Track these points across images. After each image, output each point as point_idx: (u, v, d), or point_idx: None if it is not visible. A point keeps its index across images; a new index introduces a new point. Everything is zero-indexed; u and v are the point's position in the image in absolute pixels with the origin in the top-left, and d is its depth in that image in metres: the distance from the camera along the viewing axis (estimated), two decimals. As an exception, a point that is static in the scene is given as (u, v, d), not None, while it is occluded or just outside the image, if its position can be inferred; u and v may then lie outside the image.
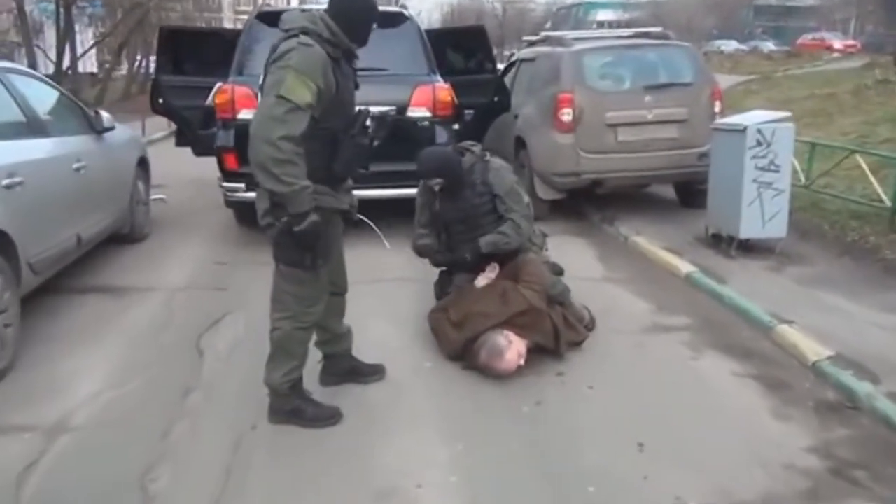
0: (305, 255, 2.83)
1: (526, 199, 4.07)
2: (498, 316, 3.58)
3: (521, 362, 3.52)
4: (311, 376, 3.37)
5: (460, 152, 4.09)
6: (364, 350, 3.66)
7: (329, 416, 3.14)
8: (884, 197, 5.64)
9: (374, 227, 3.23)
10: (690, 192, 6.97)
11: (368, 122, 3.02)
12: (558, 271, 4.23)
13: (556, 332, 3.70)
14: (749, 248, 5.48)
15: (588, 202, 7.15)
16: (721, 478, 2.75)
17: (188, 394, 3.46)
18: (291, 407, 3.12)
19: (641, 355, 3.88)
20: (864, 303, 4.44)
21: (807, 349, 3.81)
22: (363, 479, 2.78)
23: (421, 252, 4.24)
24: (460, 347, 3.68)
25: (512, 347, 3.48)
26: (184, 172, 8.52)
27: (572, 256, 5.18)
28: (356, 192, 3.23)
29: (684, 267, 5.24)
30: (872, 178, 5.76)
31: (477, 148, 4.11)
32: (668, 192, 7.48)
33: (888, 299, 4.50)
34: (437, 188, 3.96)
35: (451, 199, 3.99)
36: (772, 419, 3.22)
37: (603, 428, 3.12)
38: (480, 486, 2.73)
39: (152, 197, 7.71)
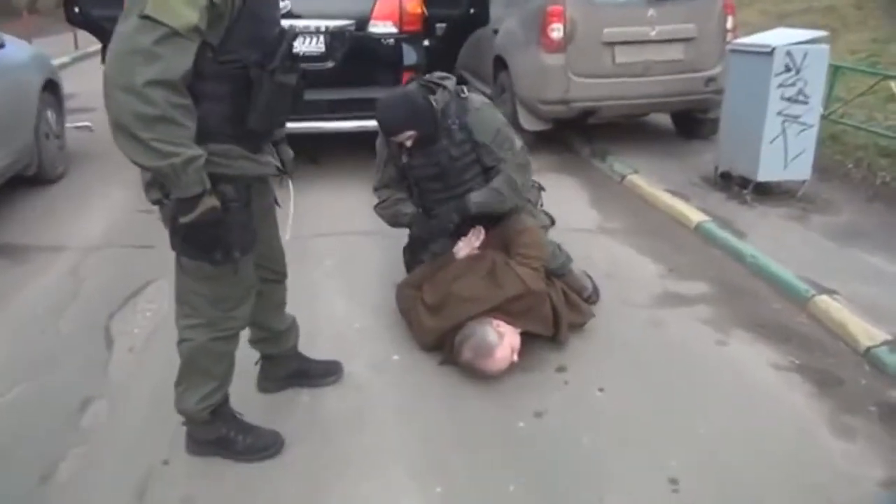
0: (213, 249, 2.00)
1: (519, 143, 3.20)
2: (486, 301, 2.81)
3: (515, 358, 2.78)
4: (246, 376, 2.60)
5: (429, 90, 3.11)
6: (314, 337, 2.89)
7: (266, 447, 2.38)
8: (921, 133, 4.90)
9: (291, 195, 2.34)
10: (692, 122, 6.17)
11: (300, 47, 2.10)
12: (548, 223, 3.45)
13: (556, 317, 2.96)
14: (766, 191, 4.74)
15: (575, 133, 6.30)
16: (784, 534, 2.10)
17: (86, 407, 2.66)
18: (216, 436, 2.35)
19: (657, 340, 3.17)
20: (911, 265, 3.77)
21: (857, 331, 3.14)
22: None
23: (394, 222, 3.33)
24: (437, 337, 2.92)
25: (503, 343, 2.73)
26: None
27: (561, 201, 4.34)
28: (306, 125, 2.32)
29: (694, 215, 4.50)
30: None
31: (450, 82, 3.15)
32: (665, 120, 6.65)
33: (937, 260, 3.83)
34: (408, 143, 3.04)
35: (423, 151, 3.09)
36: (830, 436, 2.55)
37: (622, 455, 2.42)
38: (469, 557, 2.03)
39: (74, 125, 6.67)
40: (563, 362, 2.95)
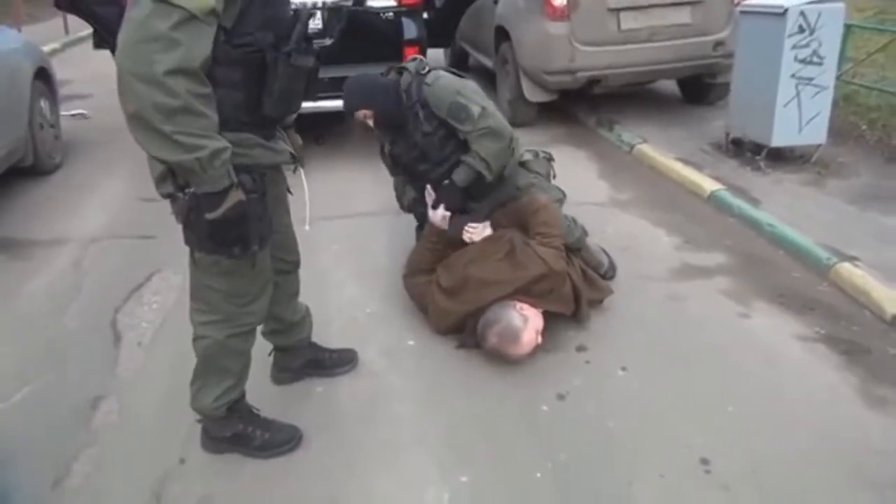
0: (232, 245, 1.90)
1: (475, 109, 2.91)
2: (509, 284, 2.72)
3: (539, 341, 2.70)
4: (260, 367, 2.53)
5: (398, 72, 3.09)
6: (325, 324, 2.81)
7: (284, 442, 2.31)
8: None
9: (305, 185, 2.24)
10: (699, 88, 6.03)
11: (315, 25, 2.00)
12: (561, 196, 3.35)
13: (577, 295, 2.87)
14: (779, 156, 4.63)
15: (581, 103, 6.16)
16: (822, 514, 2.03)
17: (97, 406, 2.60)
18: (233, 432, 2.28)
19: (678, 314, 3.08)
20: (934, 227, 3.67)
21: (882, 298, 3.05)
22: (335, 544, 2.00)
23: (406, 208, 3.41)
24: (455, 321, 2.84)
25: (528, 326, 2.65)
26: (113, 78, 7.23)
27: (570, 173, 4.23)
28: (307, 105, 2.23)
29: (707, 184, 4.39)
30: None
31: (414, 63, 3.09)
32: (672, 87, 6.51)
33: (960, 221, 3.73)
34: (370, 122, 3.04)
35: (401, 135, 3.07)
36: (862, 407, 2.48)
37: (650, 435, 2.35)
38: (499, 549, 1.97)
39: (70, 113, 6.57)
40: (583, 341, 2.87)
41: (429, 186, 3.06)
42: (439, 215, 2.99)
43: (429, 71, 3.03)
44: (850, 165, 4.57)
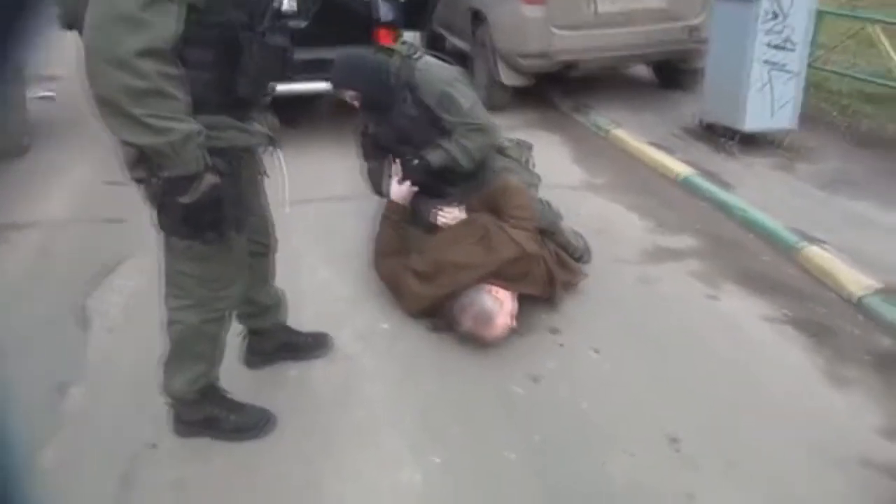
0: (207, 229, 1.88)
1: (466, 103, 2.99)
2: (482, 267, 2.72)
3: (513, 324, 2.72)
4: (232, 351, 2.51)
5: (388, 53, 3.08)
6: (298, 307, 2.78)
7: (256, 425, 2.30)
8: (906, 77, 4.85)
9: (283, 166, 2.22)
10: (673, 73, 6.06)
11: (288, 6, 1.98)
12: (537, 182, 3.36)
13: (551, 277, 2.89)
14: (750, 141, 4.68)
15: (556, 87, 6.16)
16: (787, 490, 2.07)
17: (65, 391, 2.56)
18: (204, 416, 2.27)
19: (649, 297, 3.12)
20: (899, 211, 3.74)
21: (847, 280, 3.11)
22: (308, 526, 2.00)
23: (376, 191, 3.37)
24: (429, 305, 2.84)
25: (503, 309, 2.66)
26: (81, 59, 7.07)
27: (545, 157, 4.24)
28: (281, 87, 2.22)
29: (679, 168, 4.43)
30: (893, 53, 4.91)
31: (405, 46, 3.10)
32: (645, 72, 6.53)
33: (924, 205, 3.81)
34: (354, 103, 3.04)
35: (385, 117, 3.06)
36: (828, 387, 2.54)
37: (621, 415, 2.39)
38: (471, 528, 1.99)
39: (37, 95, 6.41)
40: (557, 324, 2.89)
41: (397, 161, 3.05)
42: (403, 189, 2.98)
43: (419, 56, 3.03)
44: (820, 151, 4.63)
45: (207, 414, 2.26)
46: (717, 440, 2.27)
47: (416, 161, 3.01)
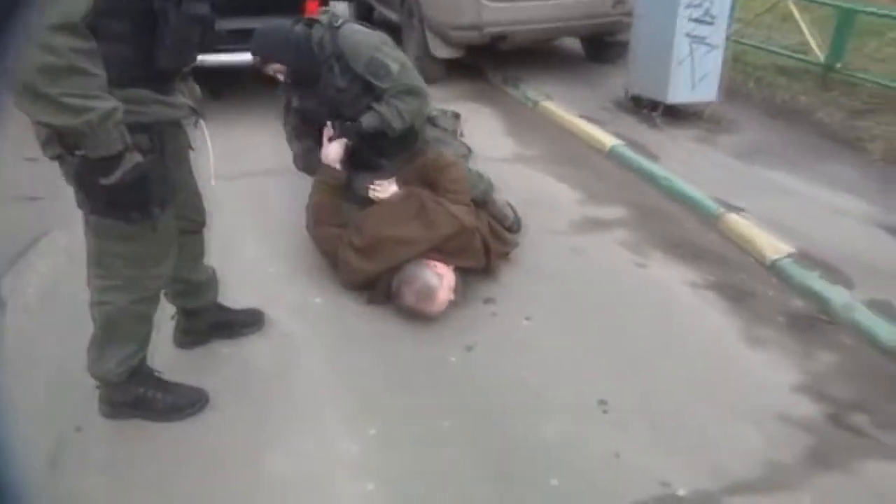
0: (131, 209, 1.81)
1: (394, 65, 2.93)
2: (422, 242, 2.74)
3: (453, 297, 2.74)
4: (161, 333, 2.45)
5: (308, 24, 3.00)
6: (230, 285, 2.74)
7: (189, 405, 2.27)
8: (818, 52, 5.06)
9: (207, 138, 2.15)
10: (600, 46, 6.17)
11: None
12: (466, 152, 3.39)
13: (487, 248, 2.92)
14: (674, 113, 4.82)
15: (487, 60, 6.17)
16: (707, 445, 2.18)
17: (-18, 376, 2.45)
18: (133, 396, 2.21)
19: (579, 266, 3.20)
20: (811, 179, 3.94)
21: (764, 244, 3.27)
22: (243, 502, 1.99)
23: (307, 169, 3.25)
24: (367, 279, 2.83)
25: (443, 284, 2.69)
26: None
27: (476, 130, 4.29)
28: (205, 58, 2.14)
29: (608, 140, 4.53)
30: (805, 28, 5.12)
31: (326, 15, 3.03)
32: (575, 45, 6.62)
33: (834, 172, 4.02)
34: (279, 77, 2.93)
35: (312, 89, 2.98)
36: (746, 347, 2.67)
37: (553, 380, 2.45)
38: (407, 496, 2.01)
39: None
40: (490, 294, 2.94)
41: (329, 123, 3.00)
42: (333, 150, 2.96)
43: (342, 24, 2.96)
44: (739, 122, 4.82)
45: (137, 395, 2.21)
46: (643, 401, 2.36)
47: (348, 122, 2.96)
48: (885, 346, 2.62)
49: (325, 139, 3.01)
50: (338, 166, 2.98)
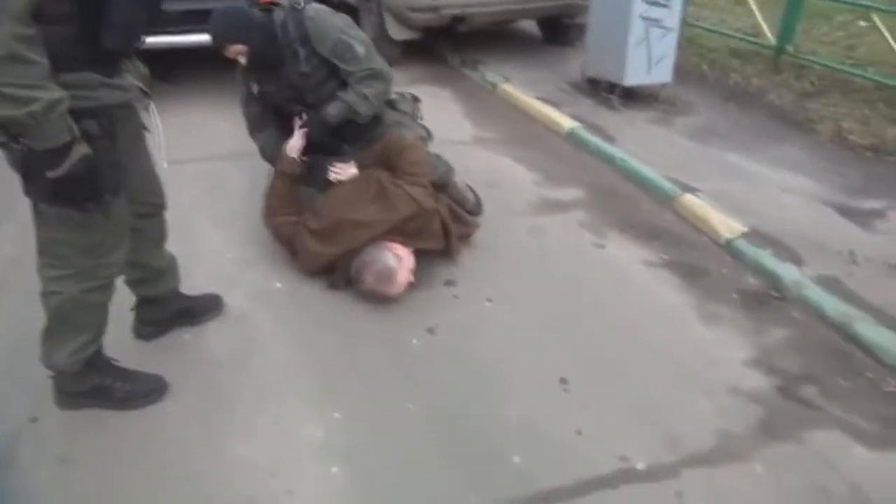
0: (82, 200, 1.77)
1: (360, 50, 2.91)
2: (381, 224, 2.72)
3: (412, 279, 2.75)
4: (120, 324, 2.41)
5: (266, 8, 2.93)
6: (188, 271, 2.70)
7: (148, 392, 2.24)
8: (769, 34, 5.16)
9: (157, 120, 2.09)
10: (558, 28, 6.19)
11: None
12: (425, 135, 3.38)
13: (446, 231, 2.93)
14: (630, 95, 4.88)
15: (444, 42, 6.15)
16: (664, 420, 2.24)
17: (-70, 369, 2.38)
18: (90, 386, 2.17)
19: (539, 247, 3.23)
20: (763, 160, 4.04)
21: (718, 224, 3.35)
22: (209, 489, 1.97)
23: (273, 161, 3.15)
24: (326, 264, 2.82)
25: (403, 266, 2.69)
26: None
27: (435, 112, 4.28)
28: (155, 39, 2.08)
29: (565, 122, 4.57)
30: (757, 11, 5.22)
31: None
32: (533, 27, 6.63)
33: (785, 154, 4.13)
34: (241, 59, 2.84)
35: (274, 75, 2.91)
36: (700, 324, 2.74)
37: (514, 361, 2.49)
38: (372, 478, 2.02)
39: None
40: (451, 276, 2.95)
41: (297, 116, 2.96)
42: (297, 144, 2.92)
43: (305, 5, 2.90)
44: (693, 104, 4.90)
45: (94, 384, 2.17)
46: (601, 378, 2.41)
47: (316, 113, 2.92)
48: (833, 320, 2.72)
49: (296, 130, 2.95)
50: (295, 155, 2.95)
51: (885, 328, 2.62)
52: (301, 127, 2.95)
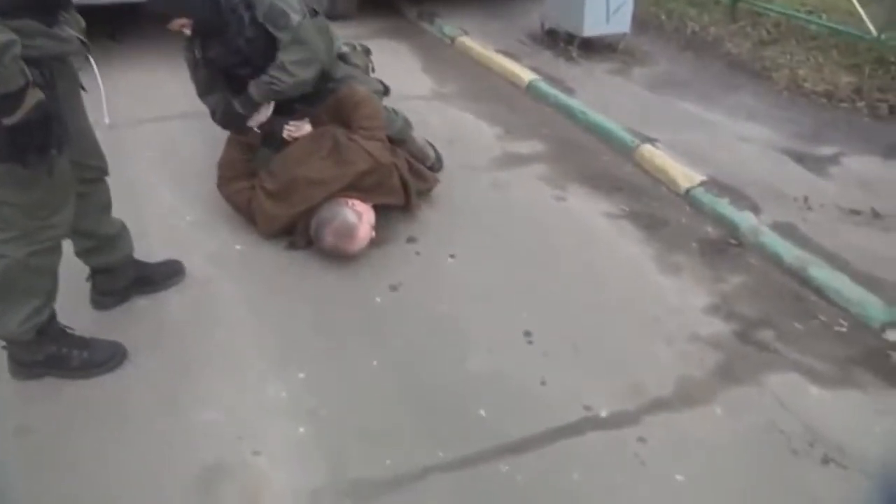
0: (32, 152, 1.69)
1: (296, 17, 2.76)
2: (337, 181, 2.68)
3: (373, 234, 2.72)
4: (76, 296, 2.35)
5: None
6: (143, 236, 2.63)
7: (107, 359, 2.19)
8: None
9: (97, 73, 1.98)
10: (516, -22, 6.07)
11: None
12: (381, 89, 3.31)
13: (405, 186, 2.90)
14: (589, 46, 4.84)
15: (401, -6, 6.01)
16: (626, 368, 2.28)
17: None
18: (45, 355, 2.12)
19: (500, 202, 3.22)
20: (720, 109, 4.06)
21: (677, 174, 3.37)
22: (174, 454, 1.95)
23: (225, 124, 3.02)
24: (284, 224, 2.77)
25: (363, 221, 2.66)
26: None
27: (393, 67, 4.23)
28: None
29: (525, 75, 4.52)
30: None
31: None
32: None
33: (742, 102, 4.16)
34: (186, 31, 2.69)
35: (218, 41, 2.77)
36: (660, 273, 2.78)
37: (478, 316, 2.49)
38: (339, 437, 2.02)
39: None
40: (413, 233, 2.93)
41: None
42: (262, 115, 2.86)
43: None
44: (651, 54, 4.89)
45: (49, 353, 2.12)
46: (564, 330, 2.44)
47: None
48: (789, 266, 2.78)
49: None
50: (255, 127, 2.86)
51: (837, 271, 2.69)
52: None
